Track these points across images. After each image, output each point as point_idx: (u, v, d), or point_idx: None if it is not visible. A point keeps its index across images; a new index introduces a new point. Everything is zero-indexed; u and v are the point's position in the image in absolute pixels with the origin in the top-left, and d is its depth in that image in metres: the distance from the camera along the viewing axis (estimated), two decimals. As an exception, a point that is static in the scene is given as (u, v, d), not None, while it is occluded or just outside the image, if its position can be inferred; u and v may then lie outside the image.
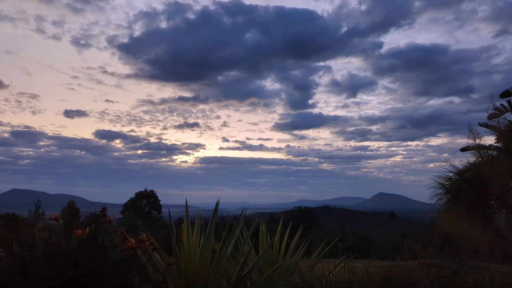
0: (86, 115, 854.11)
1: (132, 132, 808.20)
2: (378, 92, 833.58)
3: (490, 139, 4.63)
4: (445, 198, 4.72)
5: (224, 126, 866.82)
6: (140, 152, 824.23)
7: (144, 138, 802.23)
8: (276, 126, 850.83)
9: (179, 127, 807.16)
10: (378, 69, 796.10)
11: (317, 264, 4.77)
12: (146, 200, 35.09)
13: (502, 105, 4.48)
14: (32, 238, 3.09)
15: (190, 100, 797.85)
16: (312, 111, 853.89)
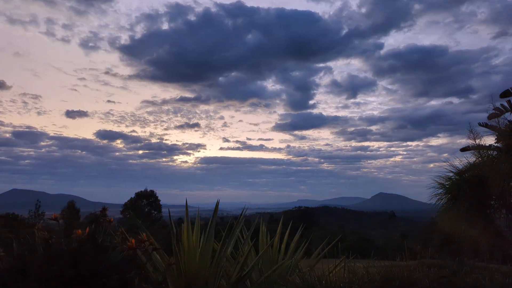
0: (87, 115, 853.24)
1: (134, 133, 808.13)
2: (378, 93, 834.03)
3: (490, 139, 4.63)
4: (445, 198, 4.73)
5: (224, 126, 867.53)
6: (141, 152, 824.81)
7: (145, 138, 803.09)
8: (277, 126, 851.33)
9: (180, 127, 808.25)
10: (378, 70, 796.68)
11: (317, 264, 4.76)
12: (146, 200, 35.10)
13: (502, 105, 4.48)
14: (32, 238, 3.09)
15: (192, 101, 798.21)
16: (313, 111, 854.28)
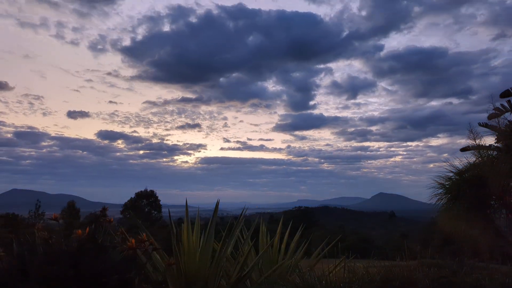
0: (89, 116, 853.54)
1: (135, 133, 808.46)
2: (378, 94, 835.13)
3: (490, 139, 4.63)
4: (445, 198, 4.73)
5: (225, 126, 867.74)
6: (141, 152, 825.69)
7: (147, 139, 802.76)
8: (277, 127, 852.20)
9: (181, 128, 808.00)
10: (378, 71, 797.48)
11: (317, 264, 4.77)
12: (146, 200, 35.08)
13: (502, 105, 4.48)
14: (32, 238, 3.09)
15: (193, 101, 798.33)
16: (313, 112, 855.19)
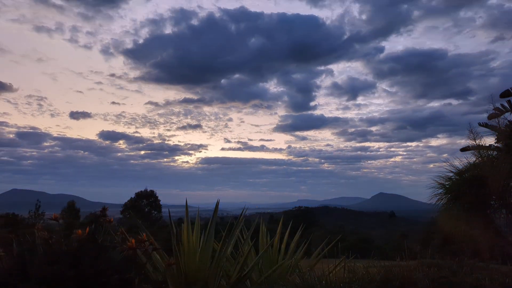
0: (91, 116, 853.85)
1: (136, 134, 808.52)
2: (378, 95, 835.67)
3: (490, 139, 4.64)
4: (445, 198, 4.73)
5: (226, 127, 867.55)
6: (142, 152, 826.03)
7: (148, 139, 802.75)
8: (278, 127, 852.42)
9: (183, 128, 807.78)
10: (378, 73, 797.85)
11: (317, 264, 4.76)
12: (146, 200, 35.09)
13: (502, 105, 4.49)
14: (32, 238, 3.09)
15: (195, 102, 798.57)
16: (314, 112, 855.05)
